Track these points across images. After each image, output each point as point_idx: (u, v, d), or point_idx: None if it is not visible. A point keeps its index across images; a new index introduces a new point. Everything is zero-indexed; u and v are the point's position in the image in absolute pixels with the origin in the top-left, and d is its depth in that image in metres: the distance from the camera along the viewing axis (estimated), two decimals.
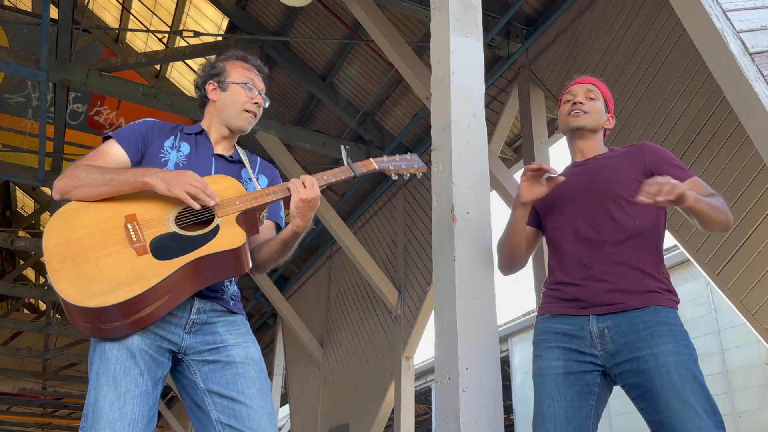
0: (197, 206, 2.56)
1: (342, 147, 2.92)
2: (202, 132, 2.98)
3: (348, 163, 2.87)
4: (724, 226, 2.86)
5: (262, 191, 2.72)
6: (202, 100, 3.04)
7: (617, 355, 2.77)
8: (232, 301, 2.79)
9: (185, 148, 2.90)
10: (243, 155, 3.01)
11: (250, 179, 2.94)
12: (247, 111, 2.95)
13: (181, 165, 2.82)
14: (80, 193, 2.61)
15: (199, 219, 2.62)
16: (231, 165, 2.94)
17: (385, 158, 3.00)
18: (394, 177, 3.03)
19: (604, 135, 3.30)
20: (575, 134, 3.22)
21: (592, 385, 2.83)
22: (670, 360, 2.66)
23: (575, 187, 3.08)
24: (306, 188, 2.69)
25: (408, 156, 3.07)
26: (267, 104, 3.04)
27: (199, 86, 3.04)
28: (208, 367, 2.64)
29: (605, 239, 2.92)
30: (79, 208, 2.59)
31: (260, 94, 2.99)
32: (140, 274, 2.43)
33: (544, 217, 3.20)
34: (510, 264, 3.28)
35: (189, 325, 2.64)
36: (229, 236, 2.55)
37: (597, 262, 2.90)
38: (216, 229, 2.56)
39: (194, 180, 2.57)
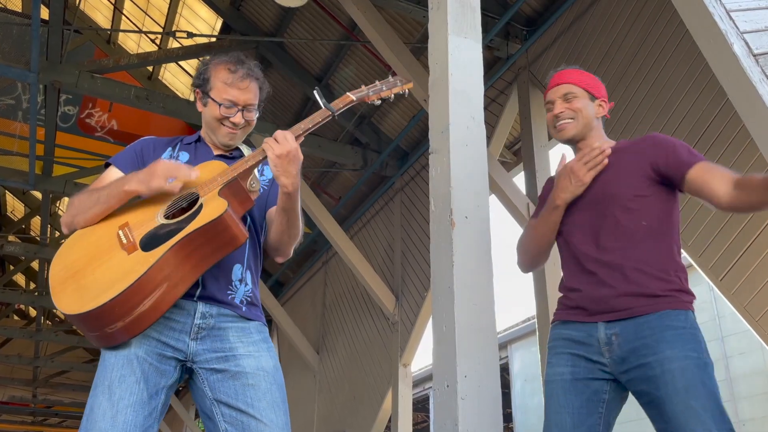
0: (177, 189, 2.55)
1: (314, 91, 2.84)
2: (200, 139, 2.98)
3: (324, 105, 2.75)
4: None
5: (242, 160, 2.68)
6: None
7: (624, 362, 2.73)
8: (244, 306, 2.73)
9: (184, 156, 2.90)
10: (246, 150, 2.96)
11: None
12: (224, 126, 2.88)
13: None
14: (80, 219, 2.66)
15: (187, 203, 2.63)
16: (232, 161, 2.88)
17: (363, 87, 2.89)
18: (377, 102, 2.91)
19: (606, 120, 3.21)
20: (569, 143, 3.17)
21: (601, 393, 2.80)
22: (675, 366, 2.61)
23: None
24: (279, 143, 2.59)
25: (390, 78, 2.97)
26: (255, 116, 2.94)
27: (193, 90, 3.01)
28: (216, 376, 2.60)
29: (610, 244, 2.87)
30: (82, 234, 2.66)
31: (243, 109, 2.88)
32: (130, 269, 2.44)
33: None
34: (537, 263, 3.26)
35: (195, 331, 2.61)
36: (211, 209, 2.53)
37: (602, 267, 2.85)
38: (200, 208, 2.56)
39: (166, 165, 2.57)
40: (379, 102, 2.92)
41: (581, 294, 2.90)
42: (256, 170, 2.85)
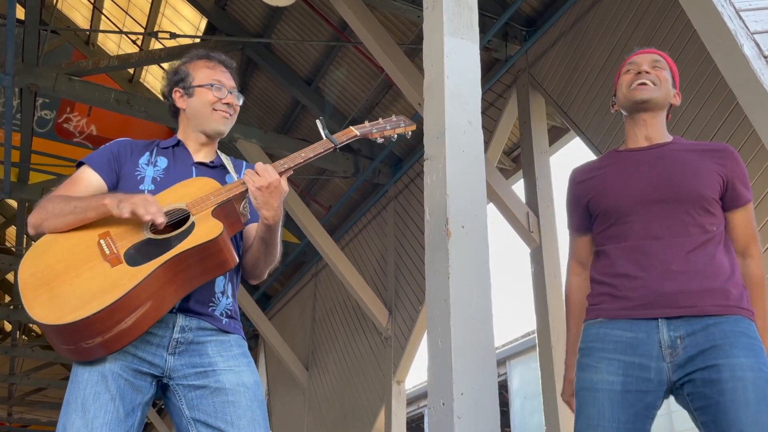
0: (147, 218, 2.51)
1: (318, 120, 2.94)
2: (178, 143, 2.97)
3: (326, 135, 2.87)
4: None
5: (238, 181, 2.72)
6: (173, 110, 3.03)
7: (687, 365, 2.60)
8: (224, 319, 2.73)
9: (162, 162, 2.90)
10: (226, 160, 3.00)
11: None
12: (218, 110, 2.93)
13: (158, 179, 2.82)
14: (50, 224, 2.64)
15: (176, 220, 2.62)
16: (212, 171, 2.93)
17: (366, 124, 3.04)
18: (380, 140, 3.06)
19: (667, 117, 3.11)
20: (641, 109, 3.00)
21: (652, 408, 2.67)
22: (749, 375, 2.51)
23: (647, 179, 2.86)
24: (260, 175, 2.63)
25: (393, 117, 3.13)
26: (241, 101, 3.02)
27: (167, 96, 3.02)
28: (195, 393, 2.59)
29: (683, 243, 2.73)
30: (53, 239, 2.63)
31: (231, 92, 2.96)
32: (115, 283, 2.42)
33: (601, 207, 2.94)
34: None
35: (173, 346, 2.60)
36: (205, 230, 2.55)
37: (670, 263, 2.70)
38: (192, 227, 2.57)
39: (145, 201, 2.53)
40: (381, 140, 3.07)
41: (639, 282, 2.74)
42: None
